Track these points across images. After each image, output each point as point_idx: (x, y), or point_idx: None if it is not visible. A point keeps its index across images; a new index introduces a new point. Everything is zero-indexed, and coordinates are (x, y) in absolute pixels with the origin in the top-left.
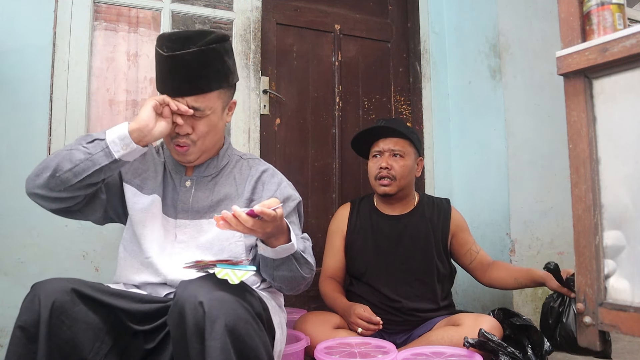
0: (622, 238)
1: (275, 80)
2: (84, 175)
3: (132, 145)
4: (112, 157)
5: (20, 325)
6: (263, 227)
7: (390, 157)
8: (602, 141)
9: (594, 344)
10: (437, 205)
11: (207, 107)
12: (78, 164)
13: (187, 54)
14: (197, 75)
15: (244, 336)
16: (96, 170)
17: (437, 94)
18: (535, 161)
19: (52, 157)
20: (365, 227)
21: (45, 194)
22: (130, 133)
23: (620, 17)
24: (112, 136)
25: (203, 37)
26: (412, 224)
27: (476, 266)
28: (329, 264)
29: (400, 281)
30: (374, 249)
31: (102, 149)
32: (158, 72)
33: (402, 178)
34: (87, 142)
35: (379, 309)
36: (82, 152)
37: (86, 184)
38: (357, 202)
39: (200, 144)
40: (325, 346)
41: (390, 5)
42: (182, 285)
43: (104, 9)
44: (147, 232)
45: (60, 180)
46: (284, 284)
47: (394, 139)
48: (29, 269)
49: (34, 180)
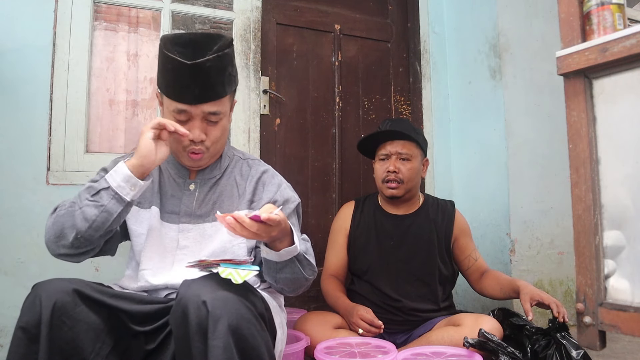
0: (622, 238)
1: (275, 80)
2: (105, 228)
3: (140, 184)
4: (125, 201)
5: (22, 326)
6: (268, 231)
7: (397, 160)
8: (602, 141)
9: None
10: (441, 207)
11: (221, 111)
12: (95, 219)
13: (208, 60)
14: (215, 82)
15: (246, 336)
16: (115, 218)
17: (437, 94)
18: (535, 161)
19: (62, 219)
20: (369, 225)
21: (72, 253)
22: (132, 170)
23: (620, 17)
24: (116, 181)
25: (214, 41)
26: (416, 224)
27: (472, 273)
28: (332, 262)
29: (401, 281)
30: (376, 247)
31: (111, 197)
32: (172, 79)
33: (409, 181)
34: (92, 196)
35: (380, 308)
36: (92, 206)
37: (108, 231)
38: (361, 201)
39: (212, 149)
40: (325, 346)
41: (390, 5)
42: (185, 284)
43: (104, 9)
44: (147, 246)
45: (84, 239)
46: (287, 286)
47: (401, 141)
48: (29, 269)
49: (56, 243)
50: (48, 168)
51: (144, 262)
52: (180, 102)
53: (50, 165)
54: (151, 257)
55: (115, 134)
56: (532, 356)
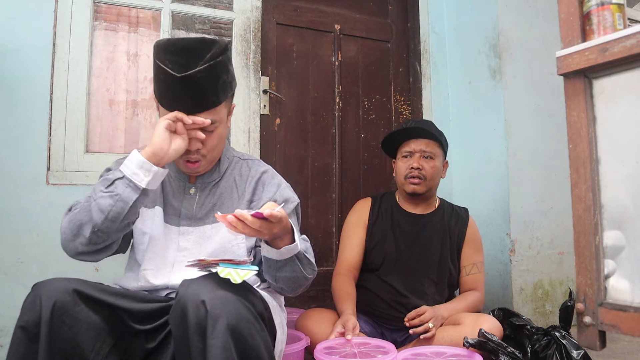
0: (622, 238)
1: (275, 80)
2: (121, 218)
3: (154, 169)
4: (139, 188)
5: (22, 325)
6: (270, 228)
7: (421, 158)
8: (602, 141)
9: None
10: (455, 212)
11: (217, 119)
12: (110, 209)
13: (198, 72)
14: (208, 92)
15: (245, 335)
16: (130, 208)
17: (437, 94)
18: (535, 161)
19: (79, 215)
20: (387, 220)
21: (90, 250)
22: (146, 158)
23: (620, 17)
24: (130, 169)
25: (207, 48)
26: (431, 224)
27: (461, 284)
28: (348, 255)
29: (412, 278)
30: (393, 243)
31: (126, 185)
32: (164, 90)
33: (431, 179)
34: (106, 187)
35: (385, 304)
36: (107, 197)
37: (125, 224)
38: (378, 198)
39: (210, 157)
40: (325, 346)
41: (390, 5)
42: (184, 284)
43: (104, 9)
44: (149, 246)
45: (101, 232)
46: (286, 285)
47: (425, 140)
48: (29, 268)
49: (73, 242)
50: (48, 168)
51: (145, 263)
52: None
53: (50, 165)
54: (152, 258)
55: (115, 134)
56: (532, 356)
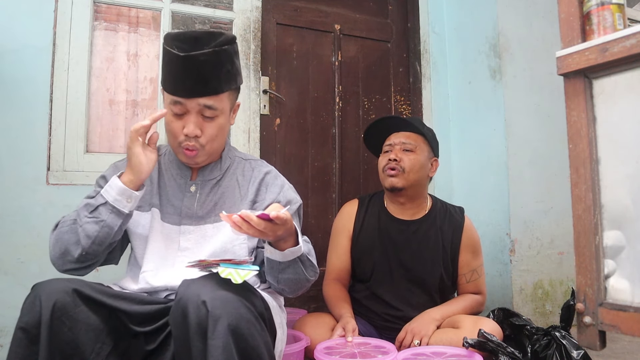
0: (622, 238)
1: (275, 80)
2: (107, 241)
3: (135, 195)
4: (123, 214)
5: (22, 326)
6: (274, 230)
7: (400, 150)
8: (602, 141)
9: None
10: (449, 214)
11: (218, 107)
12: (97, 234)
13: (202, 54)
14: (210, 76)
15: (246, 336)
16: (116, 232)
17: (437, 94)
18: (535, 161)
19: (66, 236)
20: (373, 227)
21: (79, 267)
22: (127, 184)
23: (620, 17)
24: (112, 195)
25: (214, 38)
26: (421, 232)
27: (460, 291)
28: (334, 265)
29: (402, 289)
30: (380, 253)
31: (110, 212)
32: (168, 72)
33: (411, 172)
34: (90, 212)
35: (378, 316)
36: (93, 223)
37: (111, 242)
38: (365, 200)
39: (208, 148)
40: (325, 346)
41: (390, 5)
42: (184, 284)
43: (104, 9)
44: (148, 248)
45: (88, 254)
46: (288, 287)
47: (406, 132)
48: (29, 269)
49: (62, 259)
50: (48, 168)
51: (145, 264)
52: (175, 95)
53: (50, 165)
54: (152, 259)
55: (115, 134)
56: (532, 356)
